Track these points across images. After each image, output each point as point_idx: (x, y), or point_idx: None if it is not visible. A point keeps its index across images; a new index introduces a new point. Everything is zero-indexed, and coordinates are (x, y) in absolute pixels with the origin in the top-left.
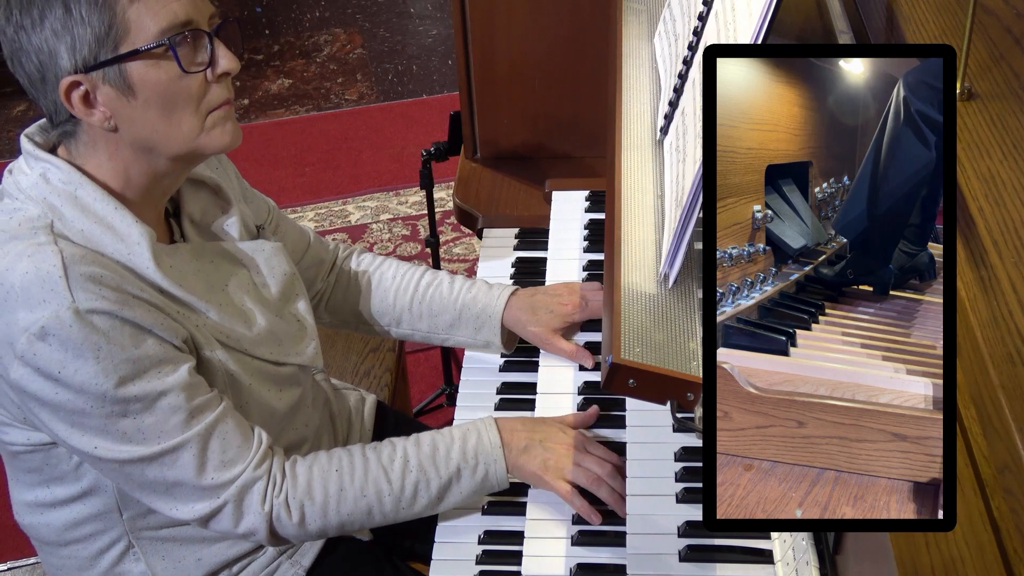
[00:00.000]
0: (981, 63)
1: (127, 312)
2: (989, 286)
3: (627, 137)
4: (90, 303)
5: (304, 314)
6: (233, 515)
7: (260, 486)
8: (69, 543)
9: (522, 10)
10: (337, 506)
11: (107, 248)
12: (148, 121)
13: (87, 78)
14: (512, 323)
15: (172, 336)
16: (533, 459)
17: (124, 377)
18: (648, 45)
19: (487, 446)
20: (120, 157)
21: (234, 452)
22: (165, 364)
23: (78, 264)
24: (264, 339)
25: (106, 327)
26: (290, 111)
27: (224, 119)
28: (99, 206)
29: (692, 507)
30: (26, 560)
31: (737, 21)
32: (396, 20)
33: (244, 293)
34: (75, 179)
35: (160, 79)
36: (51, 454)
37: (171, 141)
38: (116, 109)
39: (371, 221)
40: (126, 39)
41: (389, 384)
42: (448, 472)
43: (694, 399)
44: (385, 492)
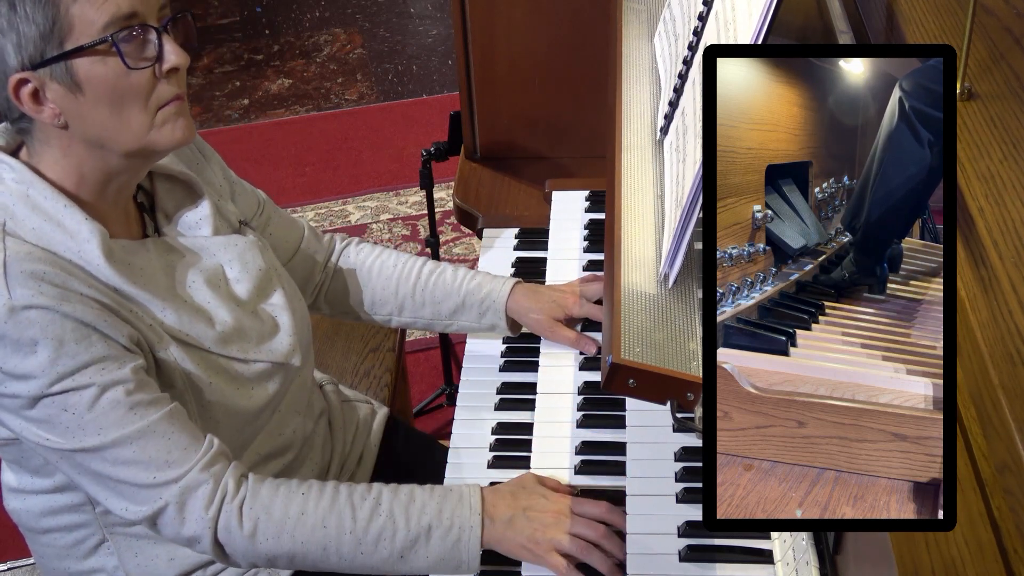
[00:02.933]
0: (981, 63)
1: (67, 308)
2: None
3: (627, 137)
4: (26, 299)
5: (281, 309)
6: (176, 518)
7: (205, 490)
8: (48, 531)
9: (522, 10)
10: (293, 529)
11: (58, 246)
12: (97, 118)
13: (34, 75)
14: (515, 310)
15: (118, 335)
16: (519, 532)
17: (62, 373)
18: (648, 45)
19: (466, 511)
20: (73, 154)
21: (179, 453)
22: (108, 360)
23: (21, 261)
24: (230, 336)
25: (43, 322)
26: (290, 111)
27: (175, 115)
28: (49, 204)
29: (692, 507)
30: (26, 560)
31: (737, 21)
32: (396, 20)
33: (212, 289)
34: (27, 178)
35: (106, 76)
36: (23, 447)
37: (121, 138)
38: (65, 106)
39: (371, 221)
40: (70, 36)
41: (389, 384)
42: (418, 527)
43: (694, 399)
44: (347, 529)
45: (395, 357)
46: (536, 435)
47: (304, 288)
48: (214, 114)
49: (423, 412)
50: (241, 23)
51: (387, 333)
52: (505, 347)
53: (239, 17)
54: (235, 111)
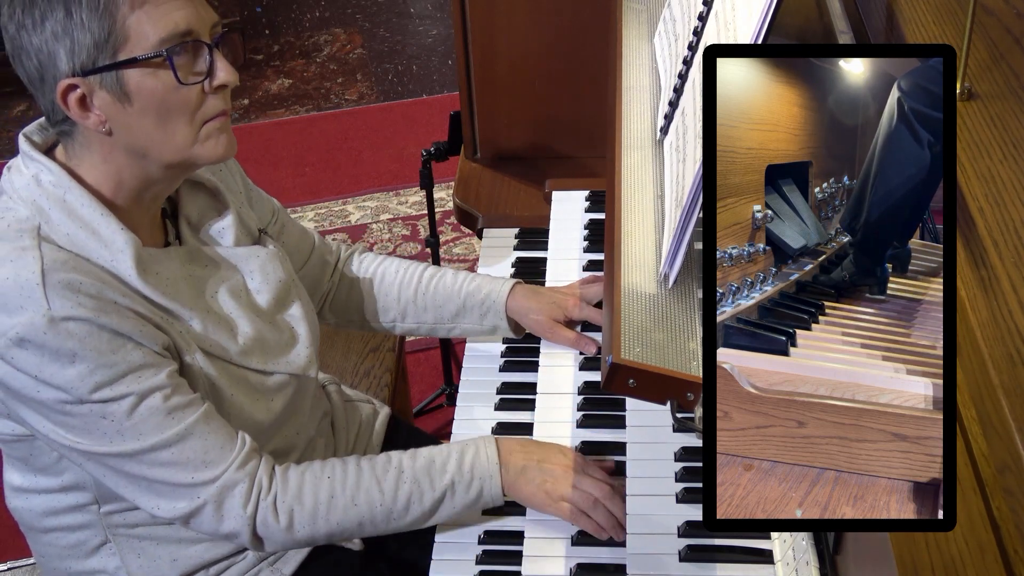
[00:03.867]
0: (981, 63)
1: (104, 319)
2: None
3: (627, 137)
4: (65, 310)
5: (298, 321)
6: (214, 516)
7: (242, 488)
8: (49, 530)
9: (522, 10)
10: (327, 513)
11: (91, 253)
12: (143, 128)
13: (84, 82)
14: (515, 310)
15: (152, 343)
16: (531, 481)
17: (101, 382)
18: (648, 45)
19: (484, 462)
20: (113, 160)
21: (216, 453)
22: (145, 368)
23: (58, 271)
24: (251, 348)
25: (82, 333)
26: (290, 111)
27: (219, 130)
28: (86, 211)
29: (692, 507)
30: (26, 560)
31: (737, 21)
32: (396, 20)
33: (234, 299)
34: (65, 183)
35: (156, 88)
36: (34, 445)
37: (165, 149)
38: (112, 114)
39: (371, 221)
40: (125, 46)
41: (389, 384)
42: (442, 486)
43: (694, 399)
44: (376, 502)
45: (395, 357)
46: (536, 435)
47: (312, 297)
48: None
49: (423, 412)
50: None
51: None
52: (505, 347)
53: (239, 17)
54: (235, 111)
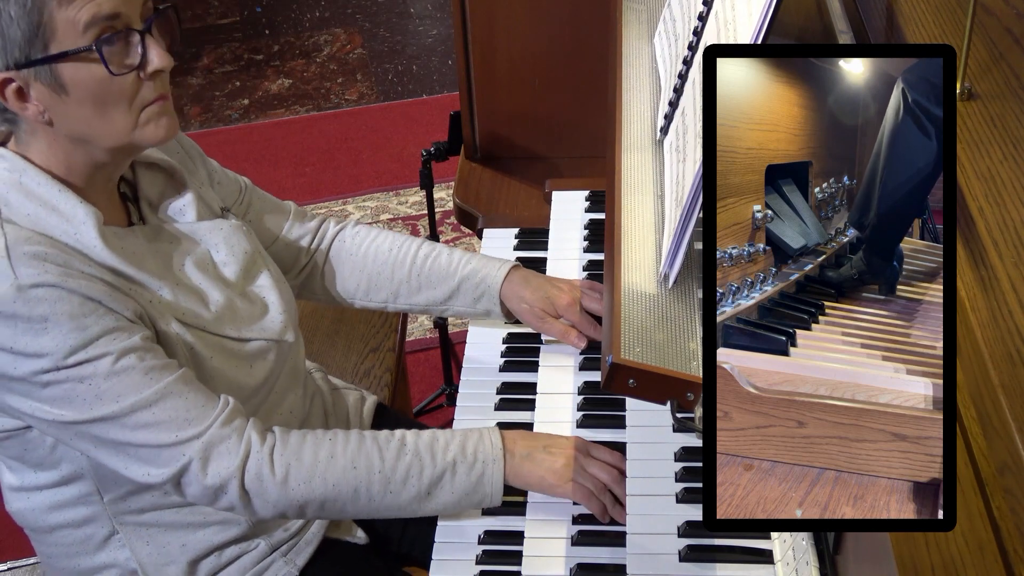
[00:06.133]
0: (981, 63)
1: (72, 283)
2: (989, 286)
3: (627, 137)
4: (32, 278)
5: (268, 290)
6: (200, 472)
7: (230, 444)
8: (55, 528)
9: (522, 10)
10: (324, 473)
11: (54, 230)
12: (81, 117)
13: (19, 75)
14: (507, 296)
15: (123, 308)
16: (539, 465)
17: (75, 345)
18: (648, 45)
19: (488, 447)
20: (59, 147)
21: (198, 411)
22: (118, 331)
23: (21, 244)
24: (224, 316)
25: (51, 298)
26: (290, 111)
27: (159, 114)
28: (43, 190)
29: (692, 507)
30: (26, 560)
31: (737, 21)
32: (396, 20)
33: (202, 272)
34: (19, 166)
35: (90, 79)
36: (26, 439)
37: (105, 136)
38: (50, 105)
39: (371, 221)
40: (54, 40)
41: (389, 384)
42: (443, 463)
43: (694, 399)
44: (376, 468)
45: (395, 357)
46: None
47: (289, 271)
48: (214, 114)
49: (423, 412)
50: (241, 23)
51: (387, 333)
52: (505, 347)
53: (239, 17)
54: (235, 111)
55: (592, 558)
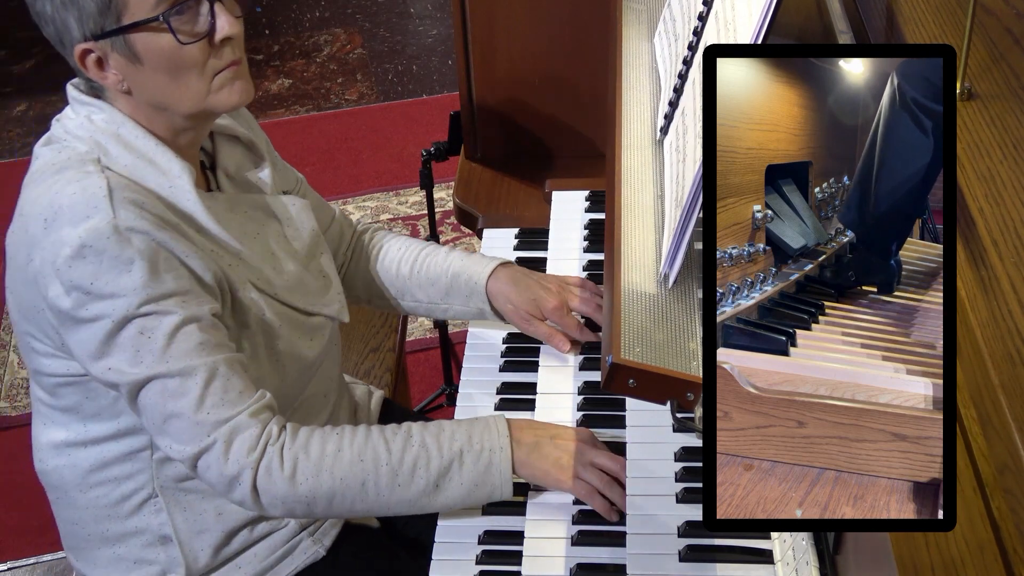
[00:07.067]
0: (981, 63)
1: (163, 235)
2: (989, 286)
3: (627, 137)
4: (129, 221)
5: (328, 269)
6: (222, 456)
7: (252, 433)
8: (93, 486)
9: (522, 10)
10: (332, 466)
11: (150, 182)
12: (157, 85)
13: (97, 45)
14: (494, 295)
15: (204, 271)
16: (546, 457)
17: (149, 297)
18: (648, 45)
19: (494, 434)
20: (140, 113)
21: (235, 395)
22: (190, 296)
23: (123, 190)
24: (294, 287)
25: (141, 246)
26: (290, 111)
27: (232, 79)
28: (141, 143)
29: (692, 507)
30: (26, 560)
31: (737, 21)
32: (396, 20)
33: (275, 243)
34: (117, 119)
35: (163, 49)
36: (90, 387)
37: (181, 102)
38: (127, 74)
39: (371, 221)
40: (126, 11)
41: (389, 384)
42: (450, 453)
43: (694, 399)
44: (383, 461)
45: (395, 357)
46: None
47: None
48: None
49: (423, 412)
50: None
51: (387, 333)
52: (505, 347)
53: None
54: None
55: (592, 558)
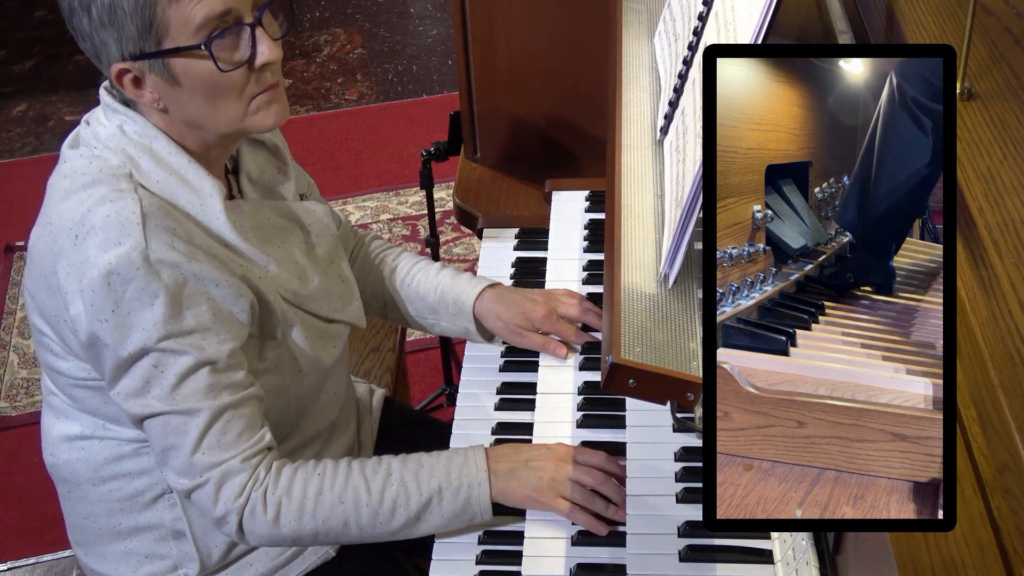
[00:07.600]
0: (981, 63)
1: (194, 266)
2: (989, 286)
3: (627, 137)
4: (161, 253)
5: (347, 273)
6: (212, 496)
7: (241, 479)
8: (107, 480)
9: (522, 10)
10: (314, 509)
11: (180, 200)
12: (194, 106)
13: (134, 66)
14: (483, 315)
15: (233, 301)
16: (524, 483)
17: (168, 333)
18: (648, 45)
19: (472, 470)
20: (174, 128)
21: (232, 438)
22: (209, 334)
23: (156, 215)
24: (318, 295)
25: (168, 281)
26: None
27: (269, 102)
28: (173, 159)
29: (692, 507)
30: (26, 560)
31: (737, 21)
32: (396, 20)
33: (298, 252)
34: (150, 132)
35: (202, 73)
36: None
37: (218, 123)
38: (164, 93)
39: (371, 221)
40: (167, 35)
41: (389, 384)
42: (429, 490)
43: (694, 399)
44: (363, 502)
45: (395, 357)
46: (536, 435)
47: None
48: None
49: (423, 412)
50: None
51: (387, 333)
52: (505, 347)
53: None
54: None
55: (592, 558)
